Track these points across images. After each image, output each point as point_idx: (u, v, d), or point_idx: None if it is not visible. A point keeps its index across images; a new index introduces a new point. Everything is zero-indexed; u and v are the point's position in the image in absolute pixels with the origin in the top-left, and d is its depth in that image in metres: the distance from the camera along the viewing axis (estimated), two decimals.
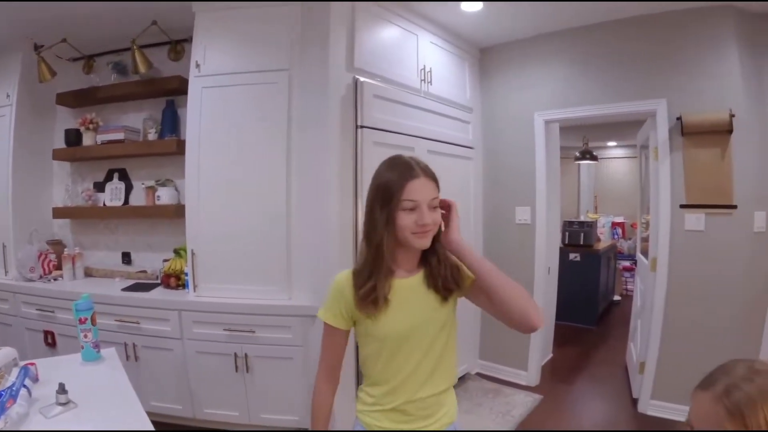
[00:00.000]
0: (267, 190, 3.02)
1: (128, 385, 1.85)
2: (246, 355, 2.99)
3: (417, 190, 1.31)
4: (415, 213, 1.30)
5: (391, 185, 1.32)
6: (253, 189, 3.04)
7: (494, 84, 4.26)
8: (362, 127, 2.93)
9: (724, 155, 3.25)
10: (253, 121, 3.03)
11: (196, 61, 3.08)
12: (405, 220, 1.30)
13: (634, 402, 3.75)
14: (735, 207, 3.25)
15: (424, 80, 3.52)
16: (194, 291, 3.12)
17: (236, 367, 3.01)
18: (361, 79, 2.95)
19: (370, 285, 1.34)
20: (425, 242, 1.34)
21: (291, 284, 3.04)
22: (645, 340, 3.69)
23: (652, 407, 3.58)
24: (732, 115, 3.16)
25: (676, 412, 3.44)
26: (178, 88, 3.39)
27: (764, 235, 3.34)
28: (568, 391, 4.13)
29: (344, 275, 1.43)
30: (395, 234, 1.33)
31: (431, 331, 1.40)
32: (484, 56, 4.29)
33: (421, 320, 1.39)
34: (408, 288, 1.40)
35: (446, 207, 1.40)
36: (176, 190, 3.56)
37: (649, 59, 3.51)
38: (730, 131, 3.18)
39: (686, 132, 3.31)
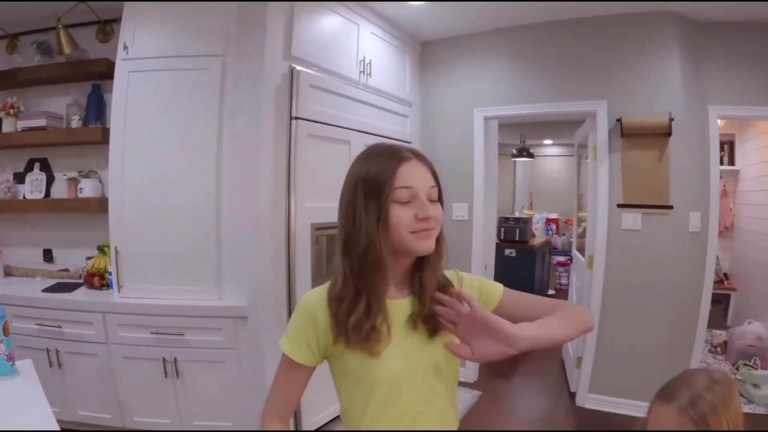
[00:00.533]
0: (196, 184, 2.83)
1: (45, 403, 1.66)
2: (175, 359, 2.82)
3: (412, 174, 1.03)
4: (413, 205, 1.02)
5: (378, 173, 1.03)
6: (181, 183, 2.84)
7: (434, 78, 4.21)
8: (297, 118, 2.80)
9: (662, 157, 3.32)
10: (182, 109, 2.84)
11: (124, 43, 2.86)
12: (400, 215, 1.01)
13: (572, 396, 3.82)
14: (671, 207, 3.34)
15: (364, 72, 3.42)
16: (119, 291, 2.92)
17: (165, 373, 2.83)
18: (298, 68, 2.82)
19: (362, 307, 1.03)
20: (429, 244, 1.04)
21: (221, 284, 2.88)
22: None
23: (590, 401, 3.66)
24: (671, 119, 3.23)
25: (614, 405, 3.56)
26: (106, 71, 3.13)
27: (699, 234, 3.47)
28: (507, 387, 4.16)
29: (315, 295, 1.11)
30: (388, 235, 1.03)
31: (434, 371, 1.09)
32: (425, 50, 4.23)
33: (421, 357, 1.08)
34: (401, 311, 1.09)
35: (454, 301, 1.02)
36: (100, 182, 3.30)
37: (591, 61, 3.56)
38: (669, 134, 3.26)
39: (626, 134, 3.37)
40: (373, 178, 1.03)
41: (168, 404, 2.90)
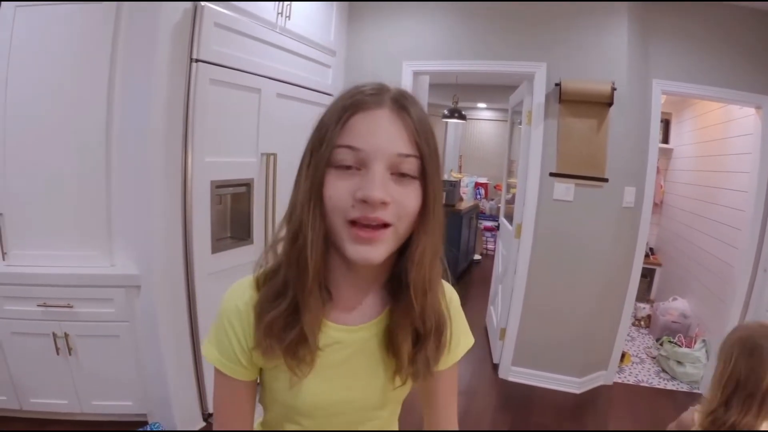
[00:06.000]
0: (83, 136, 2.44)
1: None
2: (66, 334, 2.49)
3: (368, 128, 0.68)
4: (357, 177, 0.68)
5: (324, 121, 0.72)
6: (69, 134, 2.44)
7: (363, 28, 3.82)
8: (198, 60, 2.42)
9: (601, 127, 3.19)
10: (72, 49, 2.40)
11: None
12: (334, 189, 0.68)
13: (495, 367, 3.77)
14: (606, 180, 3.23)
15: (282, 13, 3.00)
16: (4, 260, 2.52)
17: (57, 349, 2.50)
18: (203, 2, 2.40)
19: (284, 305, 0.74)
20: (370, 250, 0.69)
21: (112, 248, 2.54)
22: (506, 306, 3.67)
23: (514, 373, 3.61)
24: (614, 89, 3.09)
25: (537, 378, 3.53)
26: None
27: (632, 210, 3.40)
28: None
29: (241, 289, 0.80)
30: (323, 218, 0.71)
31: (371, 410, 0.87)
32: None
33: (360, 394, 0.84)
34: (349, 344, 0.81)
35: None
36: None
37: (534, 21, 3.33)
38: (610, 104, 3.12)
39: (564, 99, 3.20)
40: (319, 129, 0.73)
41: (64, 383, 2.60)
